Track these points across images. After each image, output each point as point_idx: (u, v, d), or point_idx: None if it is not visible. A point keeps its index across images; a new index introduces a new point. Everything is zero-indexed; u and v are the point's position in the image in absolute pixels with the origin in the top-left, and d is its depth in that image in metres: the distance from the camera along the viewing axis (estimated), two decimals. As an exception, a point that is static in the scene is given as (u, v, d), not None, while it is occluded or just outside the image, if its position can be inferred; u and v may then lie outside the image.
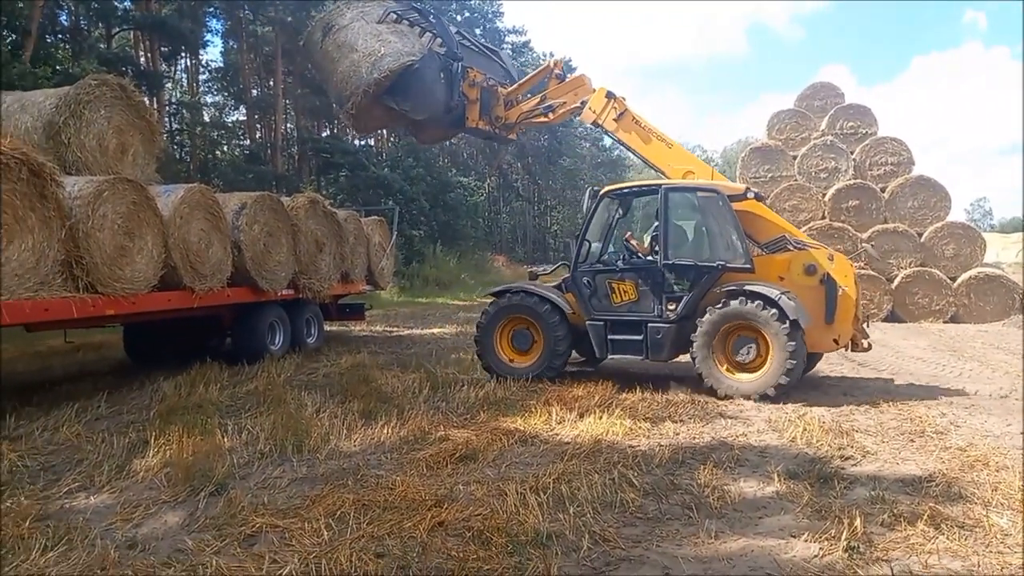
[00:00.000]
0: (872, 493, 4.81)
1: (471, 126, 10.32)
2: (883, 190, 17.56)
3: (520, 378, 8.65)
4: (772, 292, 7.72)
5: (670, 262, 8.27)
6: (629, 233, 9.36)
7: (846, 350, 8.64)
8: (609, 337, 8.54)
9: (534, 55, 48.11)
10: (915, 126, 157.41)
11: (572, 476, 5.12)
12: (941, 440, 6.18)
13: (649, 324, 8.31)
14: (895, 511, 4.44)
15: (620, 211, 9.00)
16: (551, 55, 49.07)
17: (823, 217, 17.57)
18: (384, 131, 37.91)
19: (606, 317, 8.57)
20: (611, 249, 9.00)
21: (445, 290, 27.12)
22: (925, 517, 4.31)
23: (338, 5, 10.89)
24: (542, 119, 10.40)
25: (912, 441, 6.20)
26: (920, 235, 16.92)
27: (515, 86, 10.66)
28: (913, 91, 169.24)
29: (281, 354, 10.67)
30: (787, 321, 7.53)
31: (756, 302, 7.69)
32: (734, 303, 7.79)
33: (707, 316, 7.90)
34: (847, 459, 5.67)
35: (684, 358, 8.47)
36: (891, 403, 7.68)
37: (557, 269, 9.35)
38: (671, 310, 8.24)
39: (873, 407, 7.51)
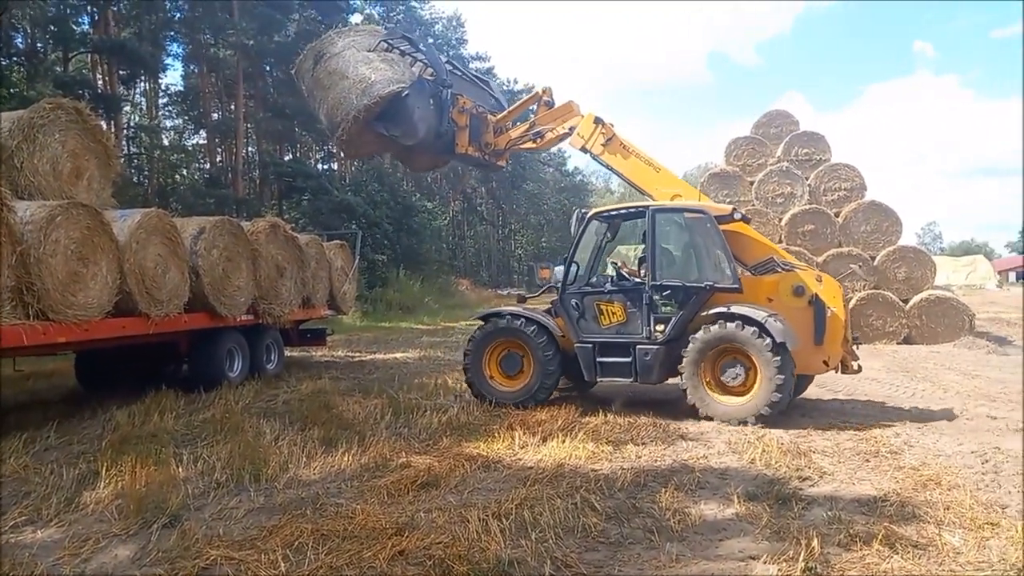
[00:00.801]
0: (829, 513, 4.88)
1: (461, 152, 10.31)
2: (837, 215, 17.98)
3: (509, 403, 8.57)
4: (759, 314, 7.67)
5: (658, 283, 8.23)
6: (622, 263, 9.30)
7: (836, 372, 8.58)
8: (598, 360, 8.46)
9: (498, 81, 48.61)
10: (869, 151, 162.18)
11: (535, 501, 5.11)
12: (895, 460, 6.31)
13: (638, 346, 8.24)
14: (851, 531, 4.51)
15: (608, 233, 9.00)
16: (515, 81, 49.75)
17: (780, 241, 17.89)
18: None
19: (595, 339, 8.49)
20: (599, 271, 8.96)
21: (409, 314, 26.96)
22: (880, 537, 4.39)
23: (330, 34, 10.96)
24: (531, 145, 10.44)
25: (867, 461, 6.32)
26: (873, 258, 17.34)
27: (504, 113, 10.71)
28: (867, 117, 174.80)
29: (239, 381, 10.48)
30: (774, 344, 7.49)
31: (743, 325, 7.64)
32: (721, 326, 7.75)
33: (694, 339, 7.87)
34: (805, 480, 5.75)
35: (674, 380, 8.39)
36: (847, 423, 7.83)
37: (544, 292, 9.31)
38: (660, 332, 8.18)
39: (830, 428, 7.63)
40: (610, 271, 9.19)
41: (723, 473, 5.98)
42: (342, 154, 24.00)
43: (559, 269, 8.96)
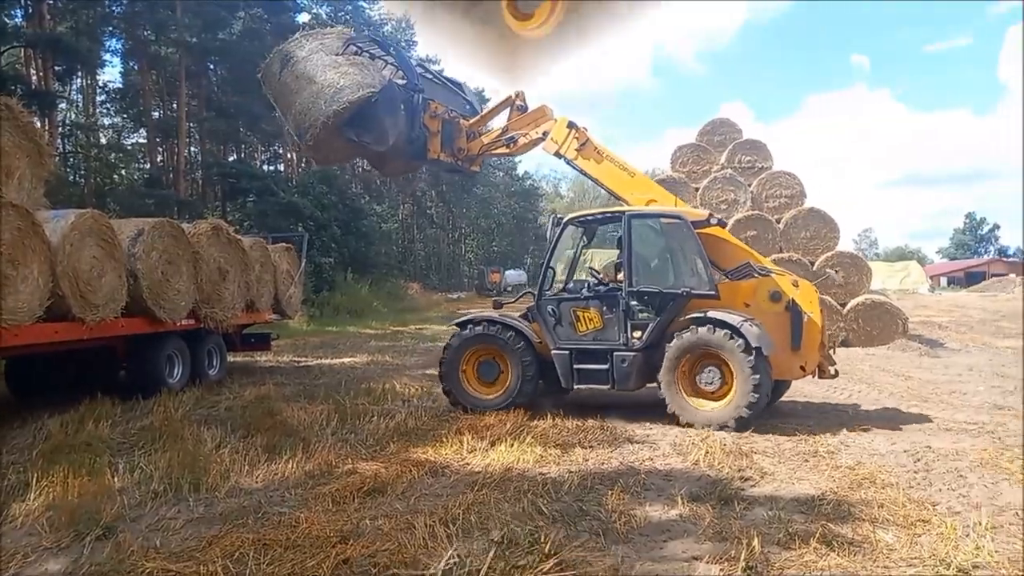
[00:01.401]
0: (769, 513, 4.99)
1: (433, 157, 10.12)
2: (778, 221, 18.45)
3: (488, 410, 8.40)
4: (734, 319, 7.63)
5: (635, 289, 8.20)
6: (604, 273, 9.15)
7: (813, 376, 8.65)
8: (575, 367, 8.38)
9: (447, 84, 48.42)
10: (808, 160, 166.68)
11: (482, 506, 5.10)
12: (832, 459, 6.49)
13: (615, 353, 8.20)
14: (790, 530, 4.62)
15: (584, 238, 8.92)
16: (465, 84, 49.61)
17: (724, 246, 18.27)
18: (295, 157, 37.35)
19: (571, 346, 8.41)
20: (575, 277, 8.92)
21: (357, 318, 26.66)
22: (818, 535, 4.50)
23: (296, 37, 10.62)
24: (504, 150, 10.31)
25: (806, 461, 6.48)
26: (812, 263, 17.82)
27: (477, 118, 10.56)
28: (807, 127, 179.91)
29: (180, 387, 10.21)
30: (749, 348, 7.46)
31: (718, 330, 7.63)
32: (697, 331, 7.74)
33: (671, 345, 7.85)
34: (746, 480, 5.87)
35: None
36: (787, 424, 8.01)
37: (521, 298, 9.14)
38: (636, 338, 8.13)
39: (771, 429, 7.78)
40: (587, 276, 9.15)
41: (668, 475, 6.07)
42: (313, 162, 23.52)
43: (510, 273, 8.95)
